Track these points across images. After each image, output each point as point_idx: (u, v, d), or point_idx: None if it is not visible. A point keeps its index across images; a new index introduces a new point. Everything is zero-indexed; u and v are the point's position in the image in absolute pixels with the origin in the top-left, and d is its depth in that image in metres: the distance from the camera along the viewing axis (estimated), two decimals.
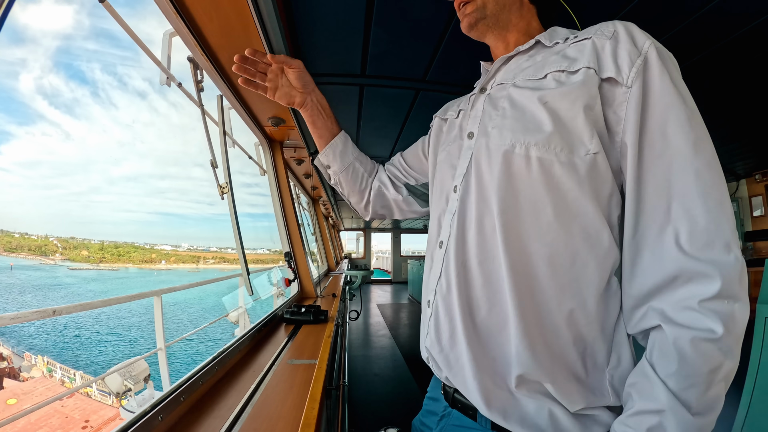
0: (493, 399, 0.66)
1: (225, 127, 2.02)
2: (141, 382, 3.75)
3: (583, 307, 0.64)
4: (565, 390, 0.63)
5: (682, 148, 0.57)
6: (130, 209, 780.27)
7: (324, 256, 7.33)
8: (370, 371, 4.29)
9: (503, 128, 0.70)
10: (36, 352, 22.51)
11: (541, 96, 0.66)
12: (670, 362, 0.54)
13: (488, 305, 0.69)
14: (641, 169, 0.61)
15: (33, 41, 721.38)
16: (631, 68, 0.61)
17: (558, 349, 0.64)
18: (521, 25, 0.84)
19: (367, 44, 1.63)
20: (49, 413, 11.54)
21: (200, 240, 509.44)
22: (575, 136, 0.63)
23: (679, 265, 0.55)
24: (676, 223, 0.57)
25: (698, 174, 0.56)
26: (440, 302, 0.75)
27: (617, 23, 0.66)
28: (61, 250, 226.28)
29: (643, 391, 0.56)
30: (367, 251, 15.76)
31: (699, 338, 0.52)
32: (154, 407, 0.87)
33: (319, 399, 0.97)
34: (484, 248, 0.70)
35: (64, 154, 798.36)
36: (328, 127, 1.07)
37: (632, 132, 0.61)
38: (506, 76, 0.78)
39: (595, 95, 0.63)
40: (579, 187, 0.63)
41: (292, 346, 1.57)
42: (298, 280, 2.83)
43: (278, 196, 2.77)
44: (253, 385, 1.14)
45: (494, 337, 0.68)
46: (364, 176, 1.12)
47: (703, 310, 0.52)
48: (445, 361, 0.74)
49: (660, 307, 0.57)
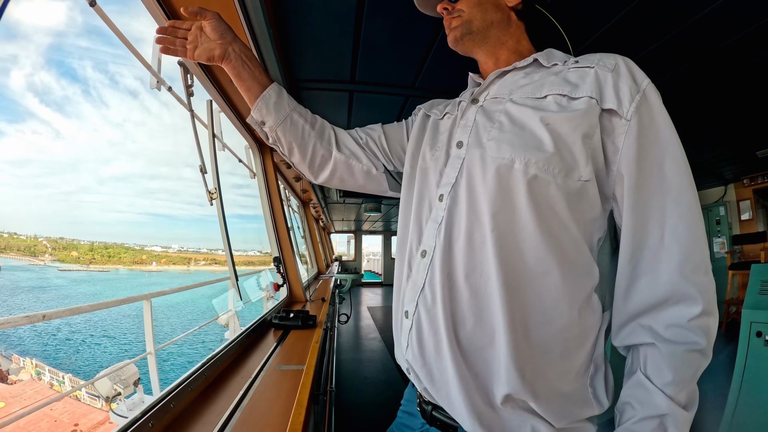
0: (478, 415, 0.66)
1: (214, 132, 2.02)
2: (131, 386, 3.71)
3: (570, 323, 0.66)
4: (550, 406, 0.65)
5: (676, 184, 0.63)
6: (120, 210, 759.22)
7: (314, 259, 7.33)
8: (360, 375, 4.28)
9: (501, 141, 0.70)
10: (28, 355, 22.22)
11: (543, 117, 0.68)
12: (665, 373, 0.60)
13: (474, 320, 0.69)
14: (639, 199, 0.65)
15: (25, 37, 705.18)
16: (631, 103, 0.65)
17: (545, 366, 0.66)
18: (510, 42, 0.85)
19: (357, 51, 1.65)
20: (38, 417, 11.41)
21: (191, 241, 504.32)
22: (572, 161, 0.65)
23: (671, 288, 0.62)
24: (670, 249, 0.63)
25: (688, 208, 0.63)
26: (424, 315, 0.73)
27: (618, 57, 0.70)
28: (50, 250, 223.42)
29: (643, 400, 0.62)
30: (357, 254, 15.71)
31: (688, 350, 0.60)
32: (144, 414, 0.88)
33: (305, 405, 0.98)
34: (472, 261, 0.69)
35: (53, 152, 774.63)
36: (256, 77, 0.93)
37: (630, 163, 0.65)
38: (501, 91, 0.79)
39: (595, 125, 0.66)
40: (567, 209, 0.66)
41: (280, 352, 1.57)
42: (287, 284, 2.82)
43: (267, 199, 2.77)
44: (242, 391, 1.15)
45: (479, 352, 0.68)
46: (306, 129, 0.98)
47: (690, 327, 0.60)
48: (428, 376, 0.72)
49: (648, 324, 0.64)
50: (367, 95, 2.08)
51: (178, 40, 0.91)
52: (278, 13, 1.40)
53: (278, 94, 0.96)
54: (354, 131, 1.06)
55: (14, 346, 29.12)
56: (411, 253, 0.79)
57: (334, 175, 1.05)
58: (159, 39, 0.91)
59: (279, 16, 1.42)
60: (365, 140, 1.05)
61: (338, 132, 1.05)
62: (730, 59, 1.79)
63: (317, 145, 1.00)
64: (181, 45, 0.91)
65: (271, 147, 2.80)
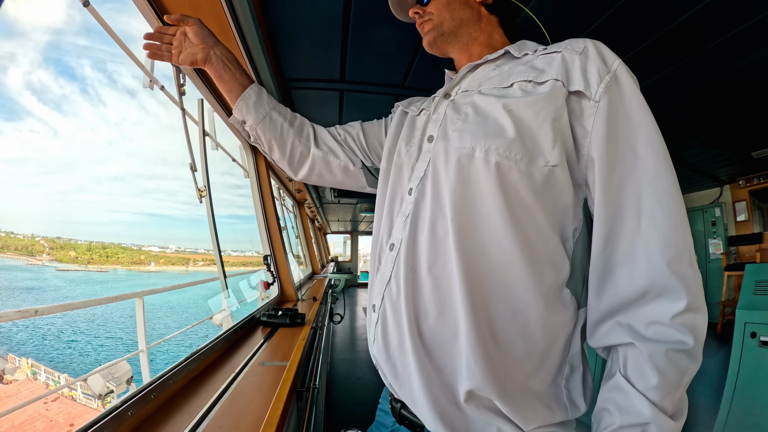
0: (440, 413, 0.64)
1: (205, 130, 2.03)
2: (123, 384, 3.72)
3: (536, 318, 0.63)
4: (518, 407, 0.62)
5: (651, 165, 0.59)
6: (117, 209, 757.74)
7: (308, 259, 7.33)
8: (353, 375, 4.31)
9: (464, 132, 0.69)
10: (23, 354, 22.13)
11: (506, 103, 0.66)
12: (649, 377, 0.55)
13: (436, 313, 0.67)
14: (611, 183, 0.61)
15: (23, 35, 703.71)
16: (600, 84, 0.62)
17: (511, 363, 0.63)
18: (482, 38, 0.86)
19: (346, 50, 1.66)
20: (33, 416, 11.39)
21: (188, 241, 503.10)
22: (537, 146, 0.63)
23: (650, 279, 0.57)
24: (647, 237, 0.58)
25: (666, 190, 0.58)
26: (389, 307, 0.72)
27: (587, 41, 0.68)
28: (48, 250, 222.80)
29: (623, 406, 0.57)
30: (354, 254, 15.71)
31: (672, 350, 0.54)
32: (124, 403, 0.88)
33: (284, 400, 0.99)
34: (435, 253, 0.68)
35: (50, 152, 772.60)
36: (237, 79, 0.98)
37: (600, 146, 0.62)
38: (472, 84, 0.79)
39: (562, 107, 0.63)
40: (534, 197, 0.63)
41: (266, 348, 1.58)
42: (278, 283, 2.83)
43: (260, 199, 2.78)
44: (224, 385, 1.16)
45: (442, 347, 0.66)
46: (284, 126, 1.02)
47: (674, 325, 0.55)
48: (392, 370, 0.71)
49: (627, 322, 0.59)
50: (357, 95, 2.10)
51: (164, 45, 0.96)
52: (266, 13, 1.41)
53: (257, 94, 1.00)
54: (333, 128, 1.08)
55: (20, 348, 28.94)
56: (381, 247, 0.80)
57: (312, 171, 1.07)
58: (146, 45, 0.95)
59: (267, 17, 1.43)
60: (343, 137, 1.07)
61: (317, 129, 1.08)
62: (723, 58, 1.80)
63: (296, 141, 1.03)
64: (167, 50, 0.96)
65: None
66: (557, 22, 1.01)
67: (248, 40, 1.35)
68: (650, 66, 1.84)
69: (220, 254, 2.15)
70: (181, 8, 1.23)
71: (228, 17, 1.21)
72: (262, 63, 1.50)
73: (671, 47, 1.68)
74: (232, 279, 2.97)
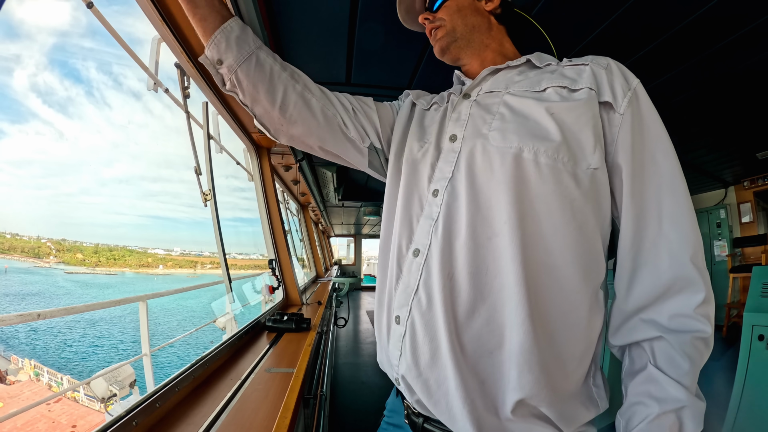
0: (483, 426, 0.61)
1: (210, 133, 2.02)
2: (126, 388, 3.70)
3: (583, 319, 0.64)
4: (563, 410, 0.62)
5: (669, 172, 0.65)
6: (121, 212, 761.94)
7: (312, 262, 7.32)
8: (357, 379, 4.29)
9: (506, 131, 0.67)
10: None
11: (548, 107, 0.67)
12: (681, 364, 0.59)
13: (481, 322, 0.64)
14: (636, 188, 0.66)
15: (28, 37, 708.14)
16: (623, 99, 0.67)
17: (560, 367, 0.62)
18: (494, 45, 0.87)
19: (352, 53, 1.65)
20: (35, 417, 11.41)
21: (193, 244, 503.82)
22: (580, 149, 0.65)
23: (673, 274, 0.62)
24: (668, 236, 0.63)
25: (683, 195, 0.64)
26: (418, 319, 0.67)
27: (609, 59, 0.72)
28: (54, 252, 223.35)
29: (658, 395, 0.60)
30: (357, 257, 15.68)
31: (696, 338, 0.60)
32: (129, 412, 0.87)
33: (292, 408, 0.97)
34: (476, 259, 0.65)
35: (55, 153, 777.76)
36: (214, 6, 0.78)
37: (626, 153, 0.66)
38: (496, 86, 0.78)
39: (597, 114, 0.67)
40: (584, 199, 0.64)
41: (272, 354, 1.57)
42: (283, 287, 2.82)
43: (264, 201, 2.77)
44: (230, 393, 1.14)
45: (487, 357, 0.63)
46: (275, 69, 0.82)
47: (696, 316, 0.60)
48: (424, 387, 0.66)
49: (650, 318, 0.63)
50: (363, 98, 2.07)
51: None
52: (272, 17, 1.40)
53: (242, 29, 0.80)
54: (340, 94, 0.93)
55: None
56: (400, 253, 0.74)
57: (310, 130, 0.88)
58: None
59: (273, 21, 1.42)
60: (353, 108, 0.91)
61: (315, 85, 0.90)
62: (728, 60, 1.79)
63: (289, 87, 0.84)
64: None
65: (268, 149, 2.79)
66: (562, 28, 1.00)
67: None
68: (655, 68, 1.82)
69: (224, 257, 2.14)
70: (188, 18, 1.22)
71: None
72: None
73: (676, 50, 1.67)
74: (236, 282, 2.96)
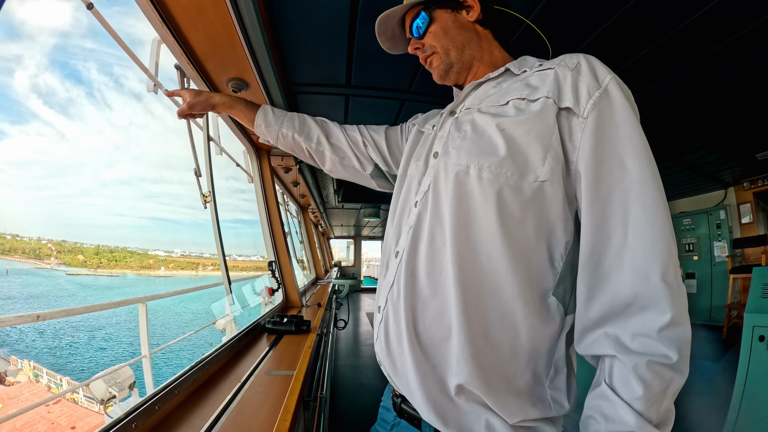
0: (434, 404, 0.70)
1: (210, 135, 2.02)
2: (126, 389, 3.70)
3: (523, 323, 0.68)
4: (503, 402, 0.67)
5: (638, 177, 0.61)
6: (122, 213, 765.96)
7: (312, 264, 7.31)
8: (357, 381, 4.28)
9: (461, 149, 0.74)
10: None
11: (499, 123, 0.71)
12: (634, 388, 0.57)
13: (433, 314, 0.73)
14: (598, 195, 0.64)
15: (29, 37, 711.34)
16: (588, 100, 0.66)
17: (497, 362, 0.68)
18: (485, 57, 0.90)
19: (352, 55, 1.64)
20: (35, 419, 11.41)
21: (193, 246, 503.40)
22: (527, 162, 0.68)
23: (635, 290, 0.59)
24: (634, 247, 0.60)
25: (654, 202, 0.60)
26: (390, 309, 0.79)
27: (581, 56, 0.71)
28: (56, 253, 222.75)
29: (608, 414, 0.59)
30: (357, 259, 15.67)
31: (656, 363, 0.56)
32: (128, 415, 0.88)
33: (292, 411, 0.97)
34: (432, 260, 0.74)
35: (56, 154, 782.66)
36: (246, 114, 1.28)
37: (587, 160, 0.65)
38: (474, 102, 0.84)
39: (552, 124, 0.68)
40: (522, 210, 0.68)
41: (271, 357, 1.57)
42: (282, 289, 2.82)
43: (264, 203, 2.77)
44: (229, 396, 1.14)
45: (437, 345, 0.72)
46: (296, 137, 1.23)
47: (659, 338, 0.57)
48: (392, 365, 0.77)
49: (615, 333, 0.61)
50: (363, 99, 2.08)
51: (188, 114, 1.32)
52: (272, 18, 1.40)
53: (264, 118, 1.26)
54: (358, 132, 1.22)
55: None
56: (389, 254, 0.86)
57: (334, 169, 1.27)
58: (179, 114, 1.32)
59: (273, 22, 1.42)
60: (364, 141, 1.20)
61: (330, 131, 1.25)
62: (727, 61, 1.79)
63: (310, 147, 1.24)
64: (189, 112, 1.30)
65: (267, 151, 2.81)
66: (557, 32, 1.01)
67: (254, 46, 1.34)
68: (654, 69, 1.82)
69: (224, 259, 2.14)
70: (188, 17, 1.22)
71: (234, 22, 1.20)
72: (268, 68, 1.49)
73: (676, 52, 1.67)
74: (236, 284, 2.95)
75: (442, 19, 0.89)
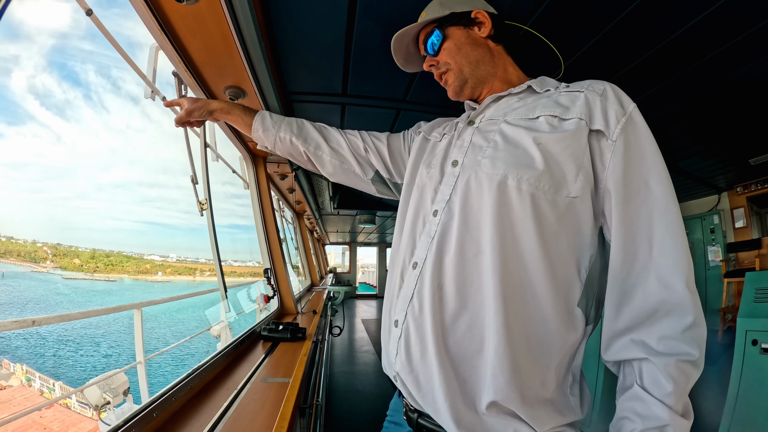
0: (461, 420, 0.68)
1: (207, 142, 2.03)
2: (120, 395, 3.67)
3: (555, 333, 0.69)
4: (535, 412, 0.67)
5: (662, 198, 0.67)
6: (117, 217, 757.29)
7: (307, 270, 7.30)
8: (352, 387, 4.25)
9: (496, 159, 0.74)
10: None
11: (536, 137, 0.73)
12: (664, 385, 0.62)
13: (464, 327, 0.72)
14: (627, 214, 0.69)
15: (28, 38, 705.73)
16: (617, 125, 0.70)
17: (532, 373, 0.68)
18: (499, 73, 0.92)
19: (348, 64, 1.66)
20: (27, 424, 11.27)
21: (189, 251, 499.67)
22: (561, 178, 0.70)
23: (662, 298, 0.64)
24: (658, 261, 0.66)
25: (675, 221, 0.66)
26: (411, 323, 0.76)
27: (606, 84, 0.76)
28: (51, 257, 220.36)
29: (643, 413, 0.63)
30: (352, 265, 15.61)
31: (682, 361, 0.62)
32: (126, 422, 0.88)
33: (289, 418, 0.98)
34: (462, 272, 0.73)
35: (52, 157, 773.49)
36: (243, 119, 1.20)
37: (617, 180, 0.69)
38: (496, 113, 0.84)
39: (585, 145, 0.71)
40: (558, 223, 0.70)
41: (267, 364, 1.57)
42: (278, 296, 2.82)
43: (260, 211, 2.77)
44: (226, 403, 1.14)
45: (467, 360, 0.71)
46: (293, 140, 1.18)
47: (682, 338, 0.62)
48: (415, 382, 0.75)
49: (641, 339, 0.66)
50: (359, 108, 2.09)
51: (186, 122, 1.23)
52: (269, 27, 1.41)
53: (262, 123, 1.19)
54: (359, 137, 1.18)
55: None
56: (404, 266, 0.82)
57: (335, 174, 1.22)
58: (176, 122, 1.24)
59: (270, 31, 1.43)
60: (365, 146, 1.17)
61: (329, 135, 1.20)
62: (720, 68, 1.81)
63: (307, 151, 1.18)
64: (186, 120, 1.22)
65: (264, 158, 2.82)
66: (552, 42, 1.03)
67: (251, 54, 1.35)
68: (648, 77, 1.85)
69: (220, 265, 2.14)
70: (186, 25, 1.23)
71: (232, 31, 1.21)
72: (265, 76, 1.50)
73: (670, 61, 1.69)
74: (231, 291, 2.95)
75: (456, 36, 0.91)
